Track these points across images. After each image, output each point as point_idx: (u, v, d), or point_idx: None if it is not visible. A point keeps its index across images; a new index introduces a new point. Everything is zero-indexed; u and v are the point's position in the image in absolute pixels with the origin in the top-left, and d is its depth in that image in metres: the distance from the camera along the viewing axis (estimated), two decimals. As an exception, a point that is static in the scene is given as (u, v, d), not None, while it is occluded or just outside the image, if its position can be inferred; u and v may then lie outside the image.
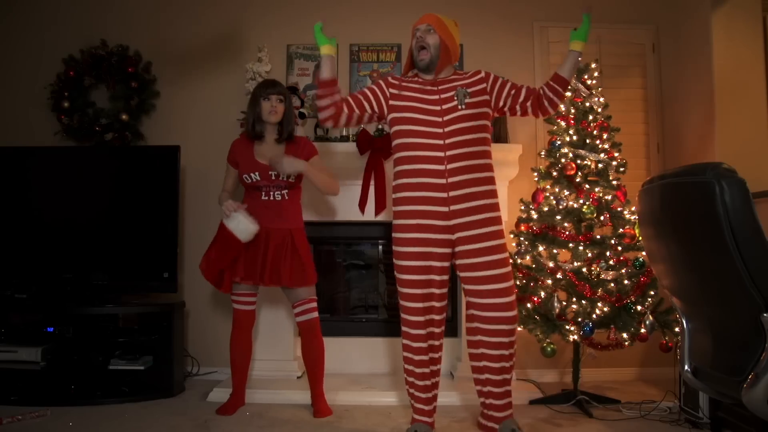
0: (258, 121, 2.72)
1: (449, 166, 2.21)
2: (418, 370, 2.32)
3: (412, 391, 2.37)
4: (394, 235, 2.33)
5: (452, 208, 2.23)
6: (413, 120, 2.27)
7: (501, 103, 2.39)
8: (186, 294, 3.52)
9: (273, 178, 2.70)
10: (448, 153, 2.21)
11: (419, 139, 2.24)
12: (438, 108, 2.26)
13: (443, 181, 2.21)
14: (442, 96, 2.29)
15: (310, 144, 2.83)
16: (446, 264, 2.30)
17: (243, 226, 2.58)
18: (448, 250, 2.28)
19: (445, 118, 2.24)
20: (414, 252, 2.26)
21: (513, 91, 2.39)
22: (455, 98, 2.27)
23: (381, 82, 2.40)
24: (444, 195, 2.23)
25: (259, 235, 2.66)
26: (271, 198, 2.73)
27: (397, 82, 2.38)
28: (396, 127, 2.32)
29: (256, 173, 2.70)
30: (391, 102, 2.33)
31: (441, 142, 2.22)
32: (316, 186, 2.72)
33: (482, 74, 2.38)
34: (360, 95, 2.39)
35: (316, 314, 2.77)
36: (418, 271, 2.26)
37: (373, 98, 2.36)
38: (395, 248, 2.32)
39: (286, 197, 2.75)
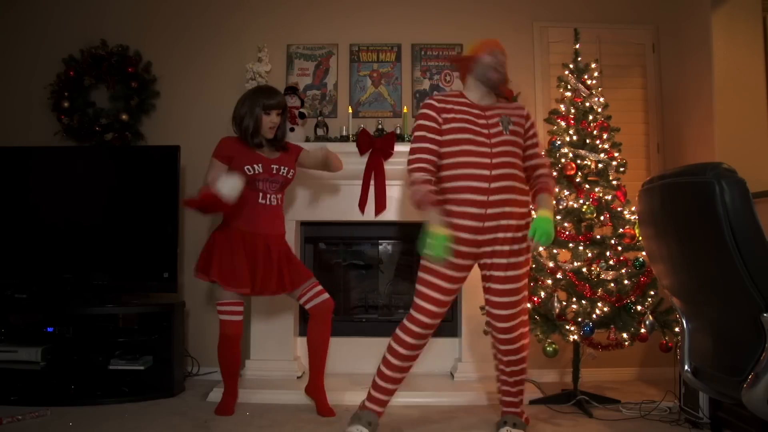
0: (255, 134, 2.71)
1: (493, 185, 2.29)
2: (404, 364, 2.41)
3: (384, 384, 2.42)
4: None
5: (486, 224, 2.30)
6: (465, 141, 2.32)
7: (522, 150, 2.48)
8: (186, 294, 3.52)
9: (274, 172, 2.71)
10: (494, 172, 2.29)
11: (469, 158, 2.30)
12: (486, 131, 2.34)
13: (485, 198, 2.28)
14: (489, 121, 2.37)
15: (294, 146, 2.91)
16: (465, 274, 2.38)
17: (233, 183, 2.50)
18: (470, 262, 2.36)
19: (493, 140, 2.33)
20: (453, 250, 2.30)
21: (533, 156, 2.48)
22: (500, 124, 2.37)
23: (431, 113, 2.36)
24: (482, 211, 2.29)
25: (259, 243, 2.69)
26: (268, 202, 2.73)
27: (444, 104, 2.38)
28: (447, 148, 2.35)
29: (259, 165, 2.69)
30: (444, 126, 2.35)
31: (489, 161, 2.30)
32: (332, 165, 2.82)
33: (525, 112, 2.47)
34: (429, 153, 2.35)
35: (328, 295, 2.77)
36: (446, 279, 2.32)
37: (436, 145, 2.35)
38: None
39: (279, 201, 2.79)
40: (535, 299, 2.89)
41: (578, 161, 2.96)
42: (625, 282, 2.85)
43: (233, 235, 2.69)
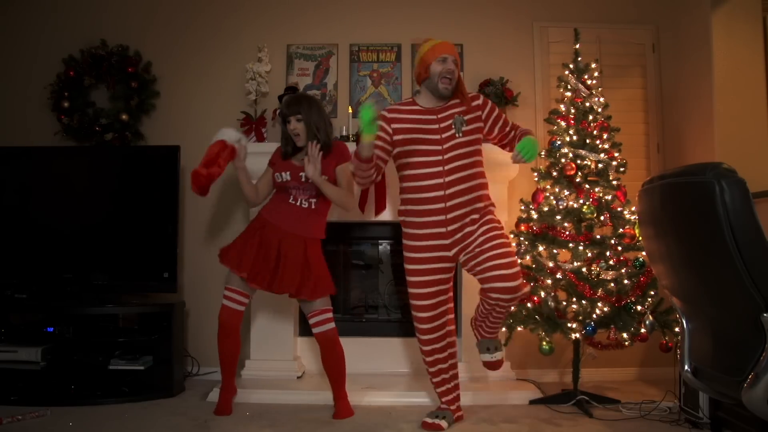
0: (288, 142, 2.74)
1: (448, 191, 2.40)
2: (437, 368, 2.60)
3: (438, 384, 2.63)
4: (405, 254, 2.54)
5: (449, 228, 2.43)
6: (416, 152, 2.43)
7: (492, 135, 2.58)
8: (186, 294, 3.52)
9: (303, 180, 2.67)
10: (447, 179, 2.39)
11: (422, 170, 2.42)
12: (438, 137, 2.43)
13: (442, 205, 2.41)
14: (442, 125, 2.45)
15: (343, 150, 2.74)
16: (445, 276, 2.54)
17: (230, 132, 2.68)
18: (450, 265, 2.51)
19: (445, 146, 2.42)
20: (426, 257, 2.47)
21: (506, 129, 2.56)
22: (453, 126, 2.43)
23: (382, 123, 2.44)
24: (443, 218, 2.42)
25: (272, 238, 2.67)
26: (298, 204, 2.71)
27: (396, 114, 2.49)
28: (401, 160, 2.49)
29: (287, 173, 2.69)
30: (395, 137, 2.47)
31: (441, 168, 2.39)
32: (330, 198, 2.68)
33: (479, 101, 2.50)
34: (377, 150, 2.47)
35: (331, 325, 2.73)
36: (430, 273, 2.49)
37: (386, 145, 2.49)
38: (408, 260, 2.53)
39: (313, 206, 2.72)
40: (535, 299, 2.89)
41: (578, 161, 2.96)
42: (625, 282, 2.85)
43: (258, 221, 2.75)
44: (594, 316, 2.79)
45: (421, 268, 2.48)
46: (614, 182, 2.96)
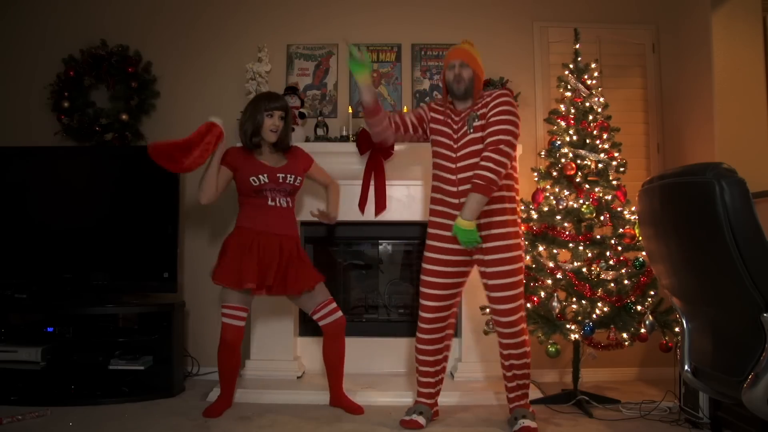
0: (256, 134, 2.72)
1: (461, 188, 2.46)
2: (427, 359, 2.63)
3: (421, 378, 2.66)
4: (426, 242, 2.63)
5: None
6: (437, 143, 2.57)
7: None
8: (186, 294, 3.52)
9: (280, 181, 2.71)
10: (459, 176, 2.47)
11: (440, 161, 2.55)
12: (455, 136, 2.52)
13: (456, 201, 2.48)
14: (459, 124, 2.53)
15: (305, 155, 2.91)
16: (460, 270, 2.58)
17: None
18: (463, 258, 2.54)
19: (458, 144, 2.49)
20: (437, 258, 2.55)
21: (489, 139, 2.43)
22: (466, 124, 2.50)
23: (425, 106, 2.67)
24: (456, 201, 2.49)
25: (273, 242, 2.68)
26: (278, 204, 2.73)
27: (434, 111, 2.63)
28: (432, 149, 2.62)
29: (264, 175, 2.69)
30: (431, 125, 2.62)
31: (453, 165, 2.49)
32: (330, 197, 3.00)
33: (490, 98, 2.49)
34: (408, 116, 2.64)
35: (341, 313, 2.81)
36: (441, 275, 2.54)
37: (417, 121, 2.64)
38: (426, 251, 2.60)
39: (290, 204, 2.79)
40: (535, 299, 2.89)
41: (578, 161, 2.96)
42: (625, 282, 2.85)
43: (246, 235, 2.69)
44: (594, 316, 2.79)
45: (435, 257, 2.54)
46: (614, 182, 2.96)
